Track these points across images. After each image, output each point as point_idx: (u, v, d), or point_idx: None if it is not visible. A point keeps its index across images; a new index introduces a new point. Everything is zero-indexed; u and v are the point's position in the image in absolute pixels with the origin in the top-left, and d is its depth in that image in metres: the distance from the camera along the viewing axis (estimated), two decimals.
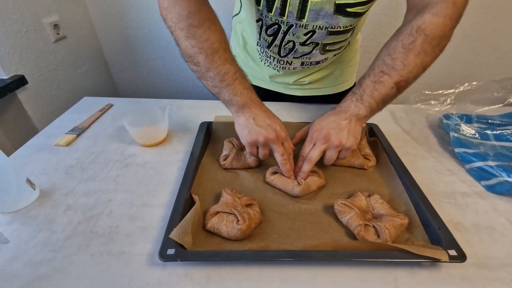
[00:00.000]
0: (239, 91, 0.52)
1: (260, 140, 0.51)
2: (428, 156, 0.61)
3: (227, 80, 0.51)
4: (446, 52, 1.26)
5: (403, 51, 0.48)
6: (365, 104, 0.51)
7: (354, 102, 0.52)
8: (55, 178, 0.55)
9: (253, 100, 0.53)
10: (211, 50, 0.50)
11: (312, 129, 0.53)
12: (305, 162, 0.52)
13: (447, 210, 0.49)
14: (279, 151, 0.51)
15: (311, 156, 0.51)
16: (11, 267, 0.40)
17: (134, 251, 0.42)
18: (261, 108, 0.53)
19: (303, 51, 0.64)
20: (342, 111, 0.53)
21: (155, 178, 0.56)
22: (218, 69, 0.50)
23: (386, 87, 0.50)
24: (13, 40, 0.88)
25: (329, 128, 0.51)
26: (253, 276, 0.39)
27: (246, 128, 0.51)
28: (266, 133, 0.50)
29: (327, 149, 0.52)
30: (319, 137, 0.51)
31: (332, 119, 0.52)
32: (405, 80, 0.49)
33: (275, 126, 0.51)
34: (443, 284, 0.38)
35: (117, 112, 0.78)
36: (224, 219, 0.44)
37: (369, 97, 0.51)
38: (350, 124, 0.51)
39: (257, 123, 0.51)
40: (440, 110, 0.72)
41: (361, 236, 0.43)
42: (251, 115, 0.52)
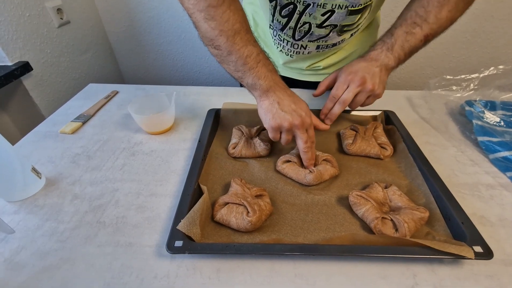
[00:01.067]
0: (263, 74, 0.49)
1: (285, 126, 0.48)
2: (449, 145, 0.58)
3: (250, 63, 0.48)
4: (468, 33, 1.19)
5: (437, 5, 0.49)
6: (394, 55, 0.52)
7: (384, 51, 0.52)
8: (61, 167, 0.54)
9: (277, 84, 0.50)
10: (232, 31, 0.46)
11: (345, 72, 0.53)
12: (338, 104, 0.53)
13: (470, 203, 0.46)
14: (303, 138, 0.49)
15: (345, 97, 0.52)
16: (19, 257, 0.39)
17: (142, 242, 0.41)
18: (286, 92, 0.50)
19: (319, 34, 0.60)
20: (372, 59, 0.53)
21: (162, 167, 0.54)
22: (240, 51, 0.47)
23: (416, 39, 0.50)
24: (16, 25, 0.85)
25: (363, 72, 0.51)
26: (265, 270, 0.37)
27: (270, 112, 0.49)
28: (292, 118, 0.48)
29: (360, 92, 0.52)
30: (355, 79, 0.51)
31: (365, 65, 0.52)
32: (433, 34, 0.51)
33: (301, 111, 0.49)
34: (466, 281, 0.36)
35: (123, 99, 0.76)
36: (233, 210, 0.42)
37: (400, 48, 0.51)
38: (381, 73, 0.52)
39: (282, 108, 0.48)
40: (462, 96, 0.67)
41: (378, 230, 0.41)
42: (276, 99, 0.49)
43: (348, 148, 0.55)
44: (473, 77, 0.67)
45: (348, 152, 0.55)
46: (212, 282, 0.36)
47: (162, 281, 0.36)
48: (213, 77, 1.41)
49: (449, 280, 0.36)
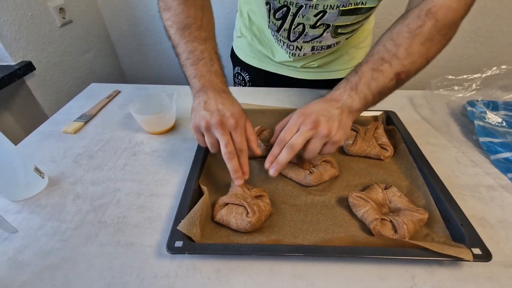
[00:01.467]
0: (201, 72, 0.47)
1: (202, 124, 0.43)
2: (450, 146, 0.58)
3: (191, 58, 0.48)
4: (471, 31, 1.17)
5: (408, 37, 0.42)
6: (360, 95, 0.44)
7: (347, 91, 0.45)
8: (63, 166, 0.55)
9: (213, 85, 0.47)
10: (182, 24, 0.47)
11: (298, 113, 0.45)
12: (285, 149, 0.43)
13: (470, 204, 0.46)
14: (223, 140, 0.42)
15: (294, 142, 0.42)
16: (22, 256, 0.40)
17: (143, 242, 0.41)
18: (219, 94, 0.46)
19: (313, 34, 0.60)
20: (333, 100, 0.45)
21: (163, 167, 0.54)
22: (186, 45, 0.48)
23: (385, 77, 0.43)
24: (18, 24, 0.86)
25: (318, 114, 0.43)
26: (264, 271, 0.37)
27: (194, 111, 0.46)
28: (210, 116, 0.43)
29: (313, 137, 0.43)
30: (307, 121, 0.42)
31: (322, 106, 0.44)
32: (406, 72, 0.43)
33: (225, 111, 0.43)
34: (465, 283, 0.36)
35: (125, 98, 0.76)
36: (233, 211, 0.42)
37: (365, 87, 0.44)
38: (342, 116, 0.43)
39: (205, 107, 0.44)
40: (464, 96, 0.67)
41: (377, 231, 0.41)
42: (204, 99, 0.45)
43: (349, 148, 0.55)
44: (476, 77, 0.67)
45: (349, 153, 0.55)
46: (212, 282, 0.36)
47: (162, 281, 0.36)
48: None
49: (448, 281, 0.36)
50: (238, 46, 0.81)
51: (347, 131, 0.45)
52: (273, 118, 0.63)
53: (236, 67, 0.85)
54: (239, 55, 0.81)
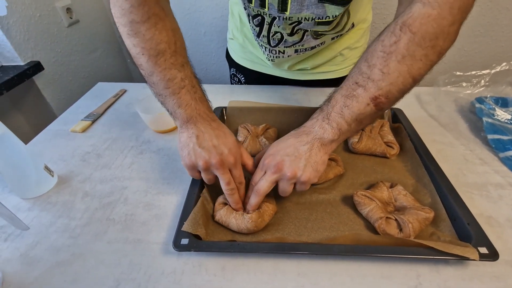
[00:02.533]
0: (185, 102, 0.43)
1: (200, 164, 0.42)
2: (457, 144, 0.57)
3: (171, 87, 0.43)
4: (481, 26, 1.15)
5: (382, 56, 0.37)
6: (332, 125, 0.41)
7: (319, 121, 0.42)
8: (72, 165, 0.56)
9: (201, 114, 0.44)
10: (155, 51, 0.42)
11: (266, 153, 0.44)
12: (253, 194, 0.42)
13: (478, 203, 0.45)
14: (224, 179, 0.42)
15: (259, 187, 0.42)
16: (34, 252, 0.41)
17: (150, 240, 0.42)
18: (209, 125, 0.44)
19: (293, 41, 0.59)
20: (304, 133, 0.43)
21: (169, 165, 0.55)
22: (162, 74, 0.42)
23: (359, 103, 0.39)
24: (27, 25, 0.87)
25: (283, 154, 0.41)
26: (269, 268, 0.38)
27: (186, 147, 0.43)
28: (208, 156, 0.41)
29: (280, 180, 0.42)
30: (270, 164, 0.41)
31: (291, 143, 0.42)
32: (385, 95, 0.38)
33: (223, 148, 0.42)
34: (471, 282, 0.36)
35: (131, 97, 0.77)
36: (233, 211, 0.42)
37: (338, 116, 0.41)
38: (311, 151, 0.41)
39: (199, 143, 0.42)
40: (472, 93, 0.66)
41: (382, 230, 0.41)
42: (195, 133, 0.43)
43: (354, 146, 0.54)
44: (484, 73, 0.66)
45: (354, 151, 0.55)
46: (218, 279, 0.37)
47: (169, 278, 0.37)
48: (219, 75, 1.41)
49: (453, 280, 0.36)
50: (231, 48, 0.81)
51: (319, 168, 0.42)
52: (277, 116, 0.63)
53: (231, 68, 0.85)
54: (233, 56, 0.81)
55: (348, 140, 0.56)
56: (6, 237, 0.43)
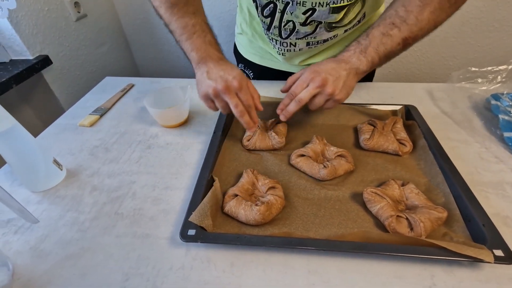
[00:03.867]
0: (197, 45, 0.50)
1: (210, 92, 0.48)
2: (472, 142, 0.55)
3: (186, 33, 0.50)
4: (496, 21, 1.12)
5: (419, 5, 0.45)
6: (367, 58, 0.48)
7: (357, 54, 0.49)
8: (80, 159, 0.56)
9: (210, 55, 0.51)
10: (170, 2, 0.50)
11: (309, 70, 0.50)
12: (293, 102, 0.49)
13: (494, 202, 0.44)
14: (232, 102, 0.48)
15: (302, 96, 0.49)
16: (43, 245, 0.41)
17: (158, 234, 0.42)
18: (217, 62, 0.50)
19: (305, 32, 0.58)
20: (343, 61, 0.49)
21: (177, 160, 0.55)
22: (177, 22, 0.50)
23: (393, 42, 0.47)
24: (36, 19, 0.88)
25: (327, 73, 0.48)
26: (278, 266, 0.37)
27: (199, 82, 0.50)
28: (215, 84, 0.48)
29: (318, 94, 0.49)
30: (316, 79, 0.48)
31: (332, 66, 0.49)
32: (413, 37, 0.47)
33: (227, 76, 0.48)
34: (487, 284, 0.35)
35: (139, 92, 0.77)
36: (242, 202, 0.42)
37: (374, 51, 0.48)
38: (348, 77, 0.49)
39: (209, 76, 0.49)
40: (487, 89, 0.64)
41: (392, 228, 0.40)
42: (206, 69, 0.49)
43: (365, 143, 0.53)
44: (501, 69, 0.63)
45: (365, 148, 0.54)
46: (226, 275, 0.37)
47: (177, 273, 0.37)
48: None
49: (468, 282, 0.35)
50: (239, 42, 0.80)
51: (349, 91, 0.50)
52: None
53: (239, 64, 0.83)
54: (241, 52, 0.80)
55: (359, 137, 0.55)
56: (16, 230, 0.43)
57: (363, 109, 0.61)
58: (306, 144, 0.54)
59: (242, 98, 0.48)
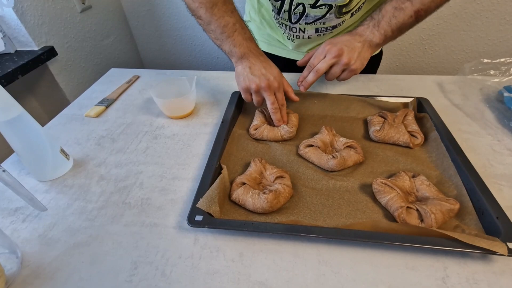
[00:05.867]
0: (239, 42, 0.53)
1: (252, 87, 0.52)
2: (484, 134, 0.54)
3: (227, 32, 0.53)
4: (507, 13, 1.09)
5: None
6: (380, 32, 0.52)
7: (370, 27, 0.52)
8: (87, 149, 0.56)
9: (252, 51, 0.54)
10: (210, 3, 0.52)
11: (326, 42, 0.54)
12: (312, 72, 0.54)
13: (507, 195, 0.43)
14: (270, 99, 0.52)
15: (319, 67, 0.53)
16: (52, 233, 0.41)
17: (167, 223, 0.42)
18: (259, 58, 0.53)
19: (315, 15, 0.59)
20: (357, 34, 0.53)
21: (184, 150, 0.54)
22: (218, 21, 0.52)
23: (405, 15, 0.50)
24: (41, 10, 0.87)
25: (343, 44, 0.52)
26: (288, 255, 0.37)
27: (241, 75, 0.54)
28: (259, 81, 0.52)
29: (335, 64, 0.53)
30: (332, 50, 0.52)
31: (347, 38, 0.53)
32: (425, 9, 0.49)
33: (269, 75, 0.52)
34: (502, 276, 0.34)
35: (144, 83, 0.77)
36: (250, 190, 0.42)
37: (386, 24, 0.51)
38: (363, 48, 0.52)
39: (252, 72, 0.52)
40: (500, 81, 0.62)
41: (402, 219, 0.39)
42: (248, 64, 0.53)
43: (375, 134, 0.52)
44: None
45: (375, 139, 0.53)
46: (236, 265, 0.36)
47: (186, 262, 0.37)
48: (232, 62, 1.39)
49: (482, 273, 0.34)
50: None
51: (364, 63, 0.54)
52: (297, 102, 0.61)
53: None
54: None
55: (369, 128, 0.55)
56: (25, 218, 0.43)
57: (373, 101, 0.60)
58: (315, 135, 0.53)
59: (277, 97, 0.53)
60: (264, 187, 0.44)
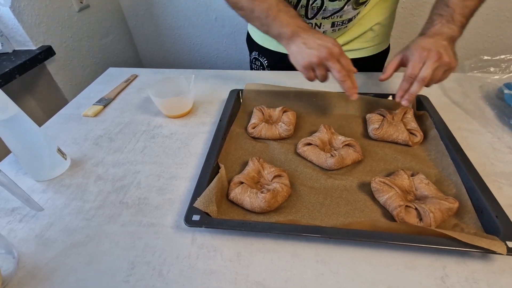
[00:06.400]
0: (285, 21, 0.51)
1: (314, 61, 0.49)
2: (484, 132, 0.54)
3: (272, 14, 0.51)
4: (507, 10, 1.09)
5: None
6: (457, 24, 0.50)
7: (445, 24, 0.50)
8: (85, 148, 0.55)
9: (301, 27, 0.51)
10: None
11: (417, 49, 0.49)
12: (416, 82, 0.49)
13: (507, 193, 0.43)
14: (336, 67, 0.48)
15: (424, 75, 0.48)
16: (49, 233, 0.41)
17: (164, 223, 0.41)
18: (310, 32, 0.51)
19: (333, 8, 0.57)
20: (436, 34, 0.50)
21: (182, 150, 0.54)
22: (260, 6, 0.51)
23: (474, 0, 0.50)
24: (38, 9, 0.87)
25: (435, 47, 0.48)
26: (286, 255, 0.37)
27: (299, 53, 0.50)
28: (318, 52, 0.48)
29: (437, 67, 0.48)
30: (431, 54, 0.48)
31: (432, 41, 0.49)
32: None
33: (327, 43, 0.48)
34: (501, 276, 0.34)
35: (142, 82, 0.76)
36: (247, 190, 0.42)
37: (461, 16, 0.50)
38: (450, 45, 0.49)
39: (308, 46, 0.49)
40: (500, 78, 0.62)
41: (400, 218, 0.39)
42: (301, 41, 0.50)
43: (374, 132, 0.52)
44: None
45: (374, 137, 0.53)
46: (233, 264, 0.36)
47: (184, 262, 0.37)
48: (231, 61, 1.39)
49: (482, 273, 0.34)
50: (255, 29, 0.78)
51: (457, 59, 0.50)
52: (295, 99, 0.61)
53: (253, 52, 0.82)
54: (255, 38, 0.78)
55: (368, 127, 0.54)
56: (21, 218, 0.43)
57: (372, 100, 0.59)
58: (314, 133, 0.53)
59: (343, 63, 0.49)
60: (262, 186, 0.44)
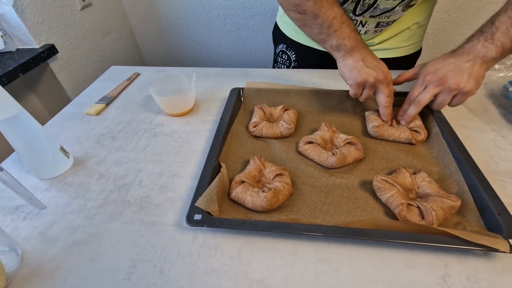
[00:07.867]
0: (347, 34, 0.50)
1: (370, 80, 0.49)
2: (488, 130, 0.53)
3: (335, 25, 0.49)
4: None
5: None
6: (496, 44, 0.45)
7: (481, 42, 0.46)
8: (87, 147, 0.56)
9: (360, 43, 0.51)
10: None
11: (425, 70, 0.49)
12: (412, 105, 0.50)
13: (510, 192, 0.42)
14: (385, 92, 0.50)
15: (420, 98, 0.48)
16: (52, 231, 0.41)
17: (165, 222, 0.42)
18: (367, 50, 0.51)
19: (384, 7, 0.56)
20: (464, 53, 0.47)
21: (183, 148, 0.54)
22: (326, 14, 0.49)
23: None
24: (41, 7, 0.87)
25: (446, 70, 0.47)
26: (286, 253, 0.37)
27: (356, 69, 0.50)
28: (376, 73, 0.49)
29: (440, 92, 0.48)
30: (433, 79, 0.47)
31: (450, 61, 0.47)
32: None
33: (383, 67, 0.50)
34: (504, 274, 0.33)
35: (144, 80, 0.76)
36: (249, 189, 0.42)
37: (503, 35, 0.45)
38: (473, 67, 0.46)
39: (366, 64, 0.49)
40: (505, 76, 0.61)
41: (402, 217, 0.38)
42: (360, 57, 0.50)
43: (374, 130, 0.52)
44: None
45: (374, 135, 0.52)
46: (234, 263, 0.36)
47: (184, 260, 0.37)
48: (233, 59, 1.38)
49: (484, 271, 0.34)
50: (284, 20, 0.76)
51: (479, 81, 0.46)
52: (296, 97, 0.60)
53: (280, 44, 0.80)
54: (285, 30, 0.76)
55: (367, 125, 0.54)
56: (25, 216, 0.43)
57: (373, 97, 0.59)
58: (315, 131, 0.53)
59: (390, 90, 0.51)
60: (264, 185, 0.44)
